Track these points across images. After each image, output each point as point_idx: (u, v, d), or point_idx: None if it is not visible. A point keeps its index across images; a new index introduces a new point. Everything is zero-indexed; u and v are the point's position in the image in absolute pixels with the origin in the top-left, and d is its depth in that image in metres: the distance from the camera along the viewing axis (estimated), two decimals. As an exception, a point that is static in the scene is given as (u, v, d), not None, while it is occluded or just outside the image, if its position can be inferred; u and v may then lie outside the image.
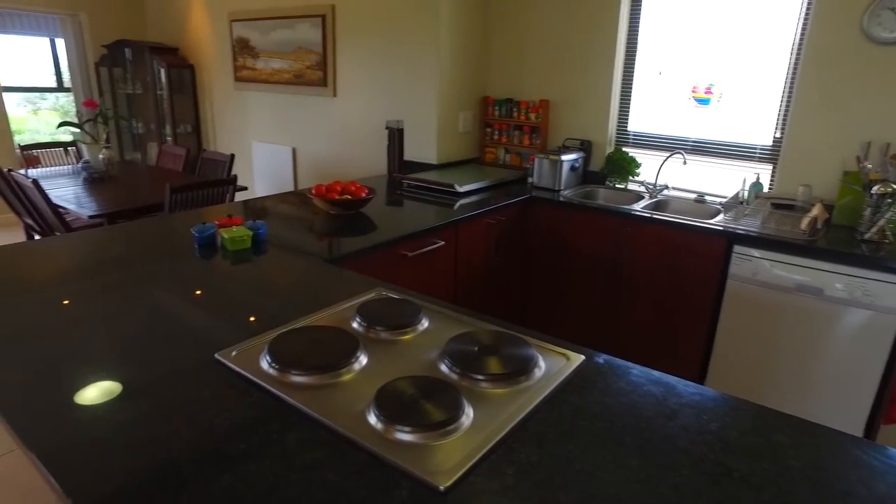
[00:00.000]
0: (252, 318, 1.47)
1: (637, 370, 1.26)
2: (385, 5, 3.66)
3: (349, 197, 2.40)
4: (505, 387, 1.17)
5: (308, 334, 1.31)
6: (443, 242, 2.39)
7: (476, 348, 1.27)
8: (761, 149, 2.95)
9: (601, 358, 1.30)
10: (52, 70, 8.27)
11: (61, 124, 4.29)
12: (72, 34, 5.98)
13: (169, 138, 5.65)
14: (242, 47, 4.91)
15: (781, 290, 2.41)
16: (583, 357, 1.30)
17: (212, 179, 3.43)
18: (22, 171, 3.85)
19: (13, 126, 5.71)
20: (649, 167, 3.26)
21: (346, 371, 1.20)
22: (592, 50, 3.27)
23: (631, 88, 3.31)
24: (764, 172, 2.94)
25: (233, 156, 4.11)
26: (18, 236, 5.07)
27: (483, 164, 3.78)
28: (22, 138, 6.21)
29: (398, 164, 3.49)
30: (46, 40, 7.98)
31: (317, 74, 4.31)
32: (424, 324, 1.43)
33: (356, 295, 1.58)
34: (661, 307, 2.76)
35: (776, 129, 2.88)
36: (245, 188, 3.79)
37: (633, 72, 3.28)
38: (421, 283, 2.38)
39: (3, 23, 5.59)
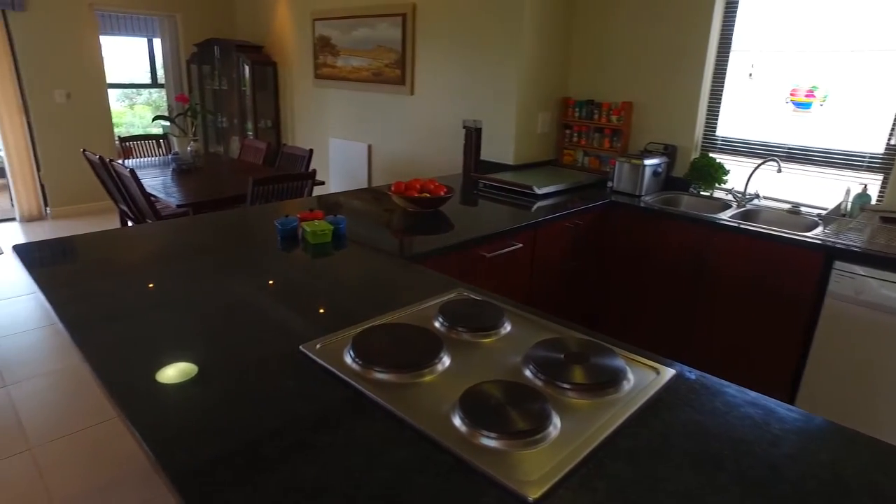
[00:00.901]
0: (334, 312, 1.48)
1: (733, 389, 1.18)
2: (466, 4, 3.65)
3: (428, 195, 2.40)
4: (591, 398, 1.12)
5: (392, 331, 1.31)
6: (520, 244, 2.35)
7: (562, 356, 1.23)
8: (871, 157, 2.73)
9: (693, 374, 1.23)
10: (148, 68, 8.82)
11: (156, 118, 4.53)
12: (168, 34, 6.31)
13: (250, 133, 5.87)
14: (323, 45, 5.03)
15: (889, 311, 2.22)
16: (673, 371, 1.23)
17: (292, 174, 3.53)
18: (120, 162, 4.09)
19: (112, 119, 6.08)
20: (738, 175, 3.08)
21: (429, 371, 1.19)
22: (681, 49, 3.13)
23: (722, 90, 3.14)
24: (872, 183, 2.72)
25: (311, 151, 4.21)
26: (114, 221, 5.42)
27: (560, 166, 3.70)
28: (119, 131, 6.61)
29: (474, 163, 3.47)
30: (144, 40, 8.52)
31: (395, 72, 4.36)
32: (507, 327, 1.39)
33: (437, 294, 1.57)
34: (747, 323, 2.61)
35: (890, 135, 2.65)
36: (322, 183, 3.88)
37: (724, 73, 3.12)
38: (496, 285, 2.35)
39: (109, 25, 5.97)
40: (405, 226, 2.29)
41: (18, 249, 1.89)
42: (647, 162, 3.00)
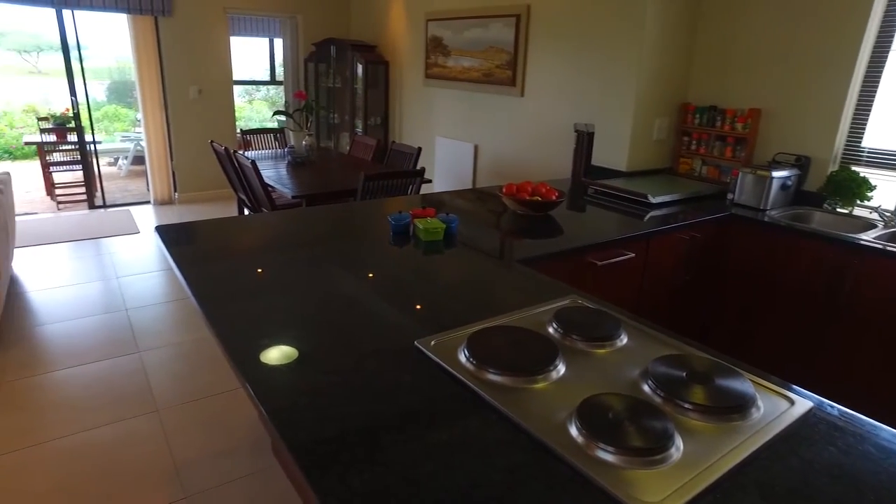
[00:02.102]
0: (446, 310, 1.50)
1: (886, 433, 1.06)
2: (583, 5, 3.56)
3: (539, 199, 2.37)
4: (715, 421, 1.06)
5: (506, 334, 1.30)
6: (633, 254, 2.26)
7: (684, 374, 1.17)
8: None
9: (834, 408, 1.13)
10: (268, 66, 9.40)
11: (275, 113, 4.81)
12: (289, 34, 6.68)
13: (359, 129, 6.09)
14: (435, 45, 5.12)
15: None
16: (810, 404, 1.13)
17: (403, 171, 3.61)
18: (241, 153, 4.38)
19: (235, 113, 6.53)
20: (886, 191, 2.79)
21: (543, 378, 1.17)
22: (825, 51, 2.87)
23: (873, 96, 2.83)
24: None
25: (420, 149, 4.30)
26: (232, 208, 5.83)
27: (676, 174, 3.53)
28: (239, 124, 7.07)
29: (584, 168, 3.39)
30: (266, 40, 9.10)
31: (506, 73, 4.35)
32: (623, 339, 1.35)
33: (550, 300, 1.54)
34: (893, 356, 2.35)
35: None
36: (430, 181, 3.94)
37: (878, 77, 2.80)
38: (605, 294, 2.28)
39: (236, 26, 6.40)
40: (515, 228, 2.28)
41: (159, 230, 2.08)
42: (776, 174, 2.79)
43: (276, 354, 1.23)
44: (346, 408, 1.06)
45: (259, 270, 1.73)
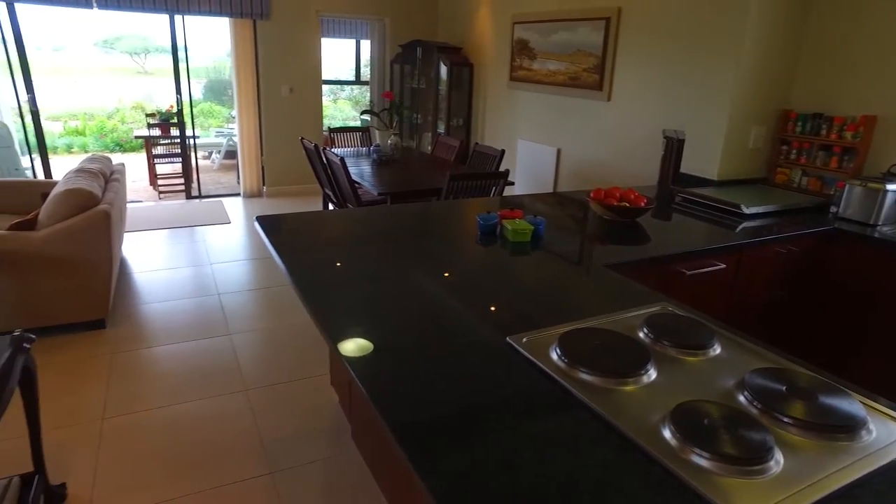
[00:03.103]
0: (535, 309, 1.52)
1: None
2: (678, 8, 3.47)
3: (627, 205, 2.34)
4: (818, 439, 1.02)
5: (597, 336, 1.31)
6: (723, 265, 2.19)
7: (784, 387, 1.13)
8: None
9: (955, 437, 1.06)
10: (353, 66, 9.71)
11: (363, 112, 4.97)
12: (377, 35, 6.88)
13: (441, 130, 6.18)
14: (521, 48, 5.12)
15: None
16: (929, 432, 1.06)
17: (487, 172, 3.65)
18: (328, 150, 4.56)
19: (322, 112, 6.79)
20: None
21: (634, 381, 1.16)
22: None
23: None
24: None
25: (503, 151, 4.32)
26: (317, 203, 6.07)
27: (771, 185, 3.36)
28: (324, 122, 7.31)
29: (672, 176, 3.30)
30: (352, 41, 9.40)
31: (592, 77, 4.30)
32: (717, 349, 1.32)
33: (640, 305, 1.53)
34: None
35: None
36: (513, 183, 3.96)
37: None
38: (692, 304, 2.21)
39: (325, 29, 6.64)
40: (601, 233, 2.26)
41: (260, 220, 2.21)
42: (891, 187, 2.60)
43: (371, 340, 1.30)
44: (442, 394, 1.10)
45: (352, 262, 1.82)
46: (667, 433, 1.00)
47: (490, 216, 2.11)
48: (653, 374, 1.19)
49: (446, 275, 1.72)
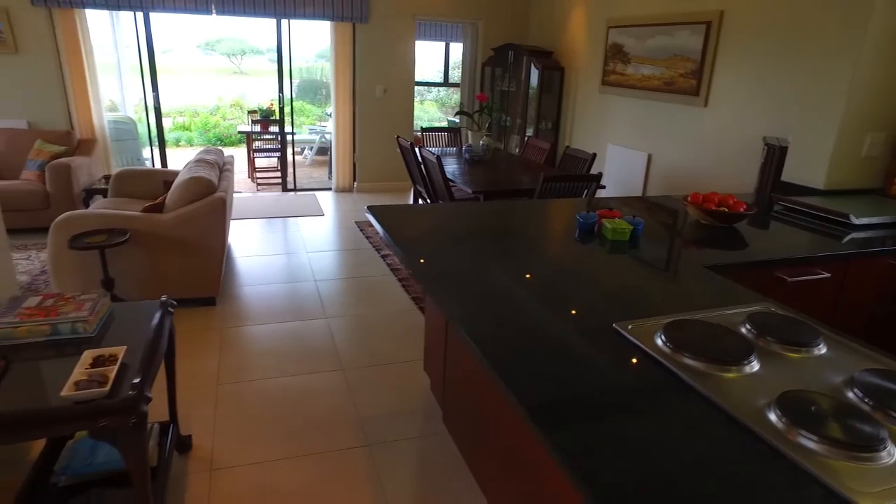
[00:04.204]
0: (636, 302, 1.58)
1: None
2: (787, 8, 3.37)
3: (726, 209, 2.34)
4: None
5: (701, 326, 1.36)
6: (828, 275, 2.15)
7: (897, 388, 1.14)
8: None
9: None
10: (442, 69, 9.93)
11: (457, 112, 5.12)
12: (470, 39, 7.04)
13: (529, 133, 6.25)
14: (615, 53, 5.11)
15: None
16: None
17: (581, 174, 3.70)
18: (422, 148, 4.74)
19: (413, 112, 7.02)
20: None
21: (737, 370, 1.21)
22: None
23: None
24: None
25: (594, 155, 4.34)
26: (406, 199, 6.30)
27: (887, 196, 3.17)
28: (414, 123, 7.51)
29: (772, 184, 3.21)
30: (442, 44, 9.61)
31: (689, 83, 4.24)
32: (822, 349, 1.33)
33: (741, 304, 1.56)
34: None
35: None
36: (604, 187, 3.97)
37: None
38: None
39: (419, 32, 6.84)
40: (697, 237, 2.27)
41: (371, 209, 2.38)
42: None
43: (488, 322, 1.41)
44: (558, 375, 1.19)
45: (460, 252, 1.94)
46: (773, 416, 1.05)
47: (590, 215, 2.17)
48: (755, 365, 1.24)
49: (548, 266, 1.82)
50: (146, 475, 1.50)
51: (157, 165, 6.56)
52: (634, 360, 1.24)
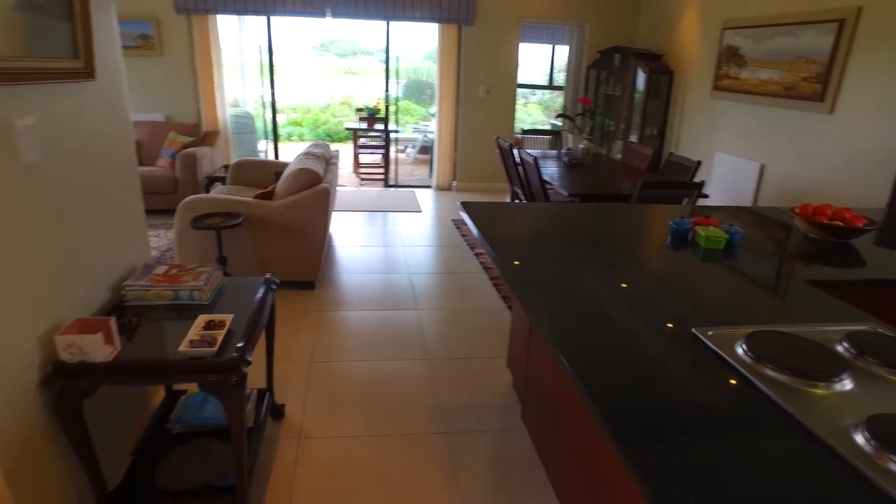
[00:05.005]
0: (721, 310, 1.54)
1: None
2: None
3: (840, 224, 2.18)
4: None
5: (787, 339, 1.30)
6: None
7: None
8: None
9: None
10: (547, 71, 9.85)
11: (559, 115, 5.10)
12: (575, 41, 6.95)
13: (633, 138, 6.08)
14: (730, 56, 4.86)
15: None
16: None
17: (680, 181, 3.57)
18: (521, 149, 4.76)
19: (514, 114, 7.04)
20: None
21: (825, 386, 1.15)
22: None
23: None
24: None
25: (699, 163, 4.16)
26: (502, 199, 6.35)
27: None
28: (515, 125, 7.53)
29: (902, 198, 2.94)
30: (549, 47, 9.53)
31: (813, 87, 3.95)
32: (933, 375, 1.23)
33: (842, 322, 1.47)
34: None
35: None
36: (707, 196, 3.81)
37: None
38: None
39: (524, 34, 6.82)
40: (803, 251, 2.14)
41: (466, 206, 2.45)
42: None
43: (573, 321, 1.43)
44: (635, 378, 1.19)
45: (549, 251, 1.97)
46: (860, 439, 0.99)
47: (683, 221, 2.11)
48: (848, 384, 1.17)
49: (635, 270, 1.80)
50: (243, 431, 1.66)
51: (271, 157, 7.06)
52: (712, 368, 1.22)
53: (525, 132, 6.08)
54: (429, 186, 7.18)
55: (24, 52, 1.47)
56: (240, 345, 1.63)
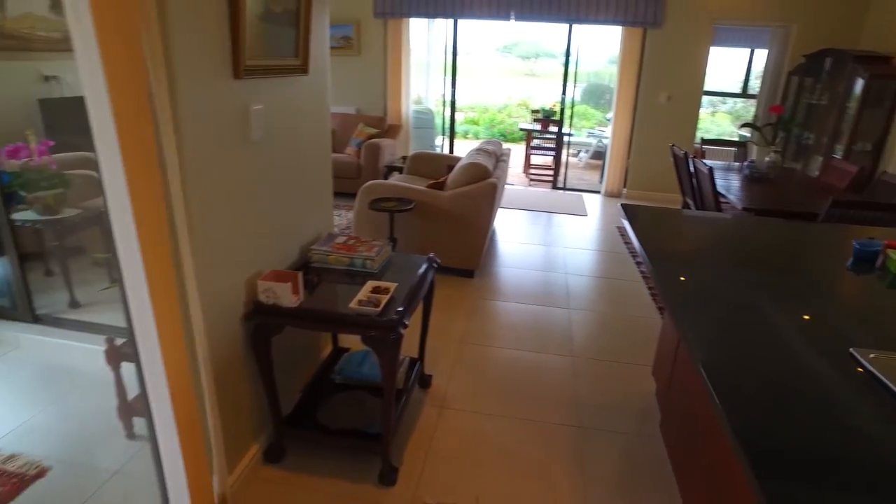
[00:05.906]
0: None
1: None
2: None
3: None
4: None
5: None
6: None
7: None
8: None
9: None
10: (742, 78, 9.07)
11: (743, 125, 4.75)
12: (777, 44, 6.35)
13: (837, 154, 5.41)
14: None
15: None
16: None
17: (880, 203, 3.16)
18: (696, 159, 4.52)
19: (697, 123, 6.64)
20: None
21: None
22: None
23: None
24: None
25: (913, 183, 3.63)
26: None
27: None
28: (698, 134, 7.13)
29: None
30: (746, 51, 8.76)
31: None
32: None
33: None
34: None
35: None
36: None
37: None
38: None
39: (719, 37, 6.40)
40: None
41: (624, 206, 2.46)
42: None
43: (716, 335, 1.41)
44: (786, 396, 1.16)
45: (707, 264, 1.92)
46: None
47: (871, 242, 1.91)
48: None
49: (805, 287, 1.69)
50: (394, 386, 1.89)
51: (445, 151, 7.48)
52: (869, 392, 1.14)
53: (705, 142, 5.72)
54: (598, 192, 7.08)
55: (265, 54, 1.84)
56: (399, 309, 1.85)
